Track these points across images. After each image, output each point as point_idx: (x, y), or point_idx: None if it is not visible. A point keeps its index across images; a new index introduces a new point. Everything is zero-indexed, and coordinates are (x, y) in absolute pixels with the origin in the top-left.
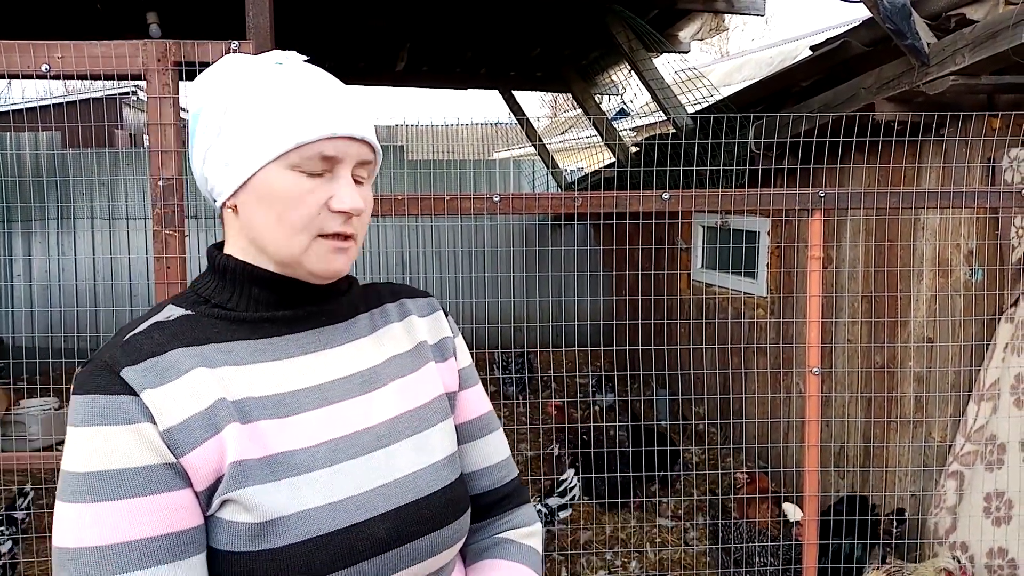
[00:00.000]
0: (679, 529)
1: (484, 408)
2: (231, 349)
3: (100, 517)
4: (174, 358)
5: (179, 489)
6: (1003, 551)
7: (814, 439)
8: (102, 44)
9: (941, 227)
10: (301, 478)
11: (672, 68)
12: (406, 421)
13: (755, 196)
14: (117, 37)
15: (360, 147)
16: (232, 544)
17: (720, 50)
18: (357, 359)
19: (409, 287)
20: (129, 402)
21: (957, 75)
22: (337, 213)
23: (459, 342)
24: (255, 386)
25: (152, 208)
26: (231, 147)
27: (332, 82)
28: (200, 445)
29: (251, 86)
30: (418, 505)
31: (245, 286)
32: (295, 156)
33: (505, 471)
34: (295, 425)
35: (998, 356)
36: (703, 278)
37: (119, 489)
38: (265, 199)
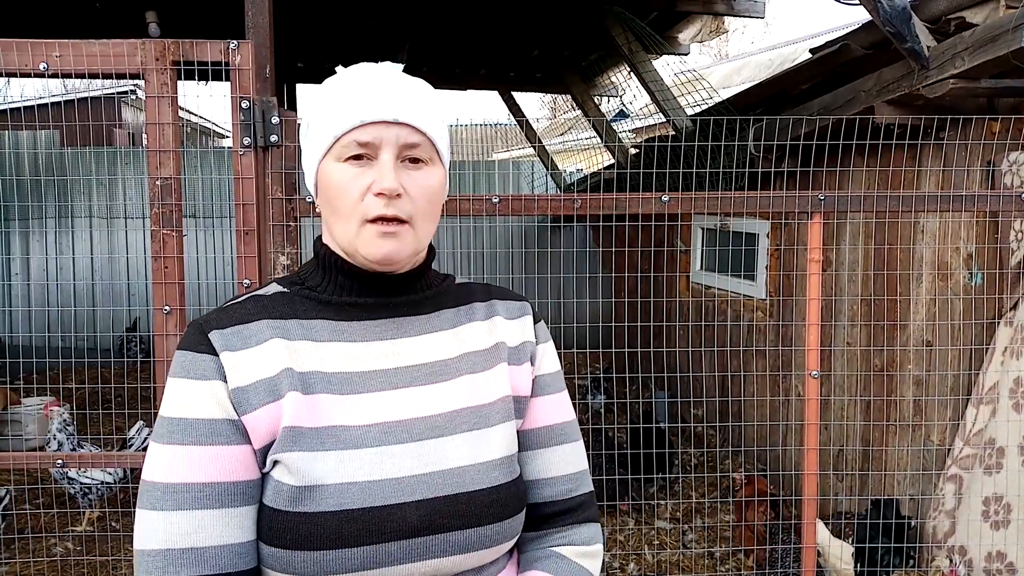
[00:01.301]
0: (677, 531)
1: (561, 418)
2: (313, 326)
3: (171, 458)
4: (257, 328)
5: (238, 444)
6: (1002, 555)
7: (813, 442)
8: (100, 43)
9: (940, 230)
10: (348, 452)
11: (671, 70)
12: (466, 416)
13: (755, 199)
14: (116, 36)
15: (400, 130)
16: (276, 501)
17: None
18: (431, 350)
19: (505, 289)
20: (209, 361)
21: (957, 78)
22: (378, 196)
23: (543, 349)
24: (326, 362)
25: (150, 207)
26: (307, 154)
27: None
28: (261, 407)
29: (320, 98)
30: (457, 499)
31: (333, 273)
32: (338, 149)
33: (572, 485)
34: (354, 403)
35: (997, 360)
36: (702, 280)
37: (187, 436)
38: (323, 193)
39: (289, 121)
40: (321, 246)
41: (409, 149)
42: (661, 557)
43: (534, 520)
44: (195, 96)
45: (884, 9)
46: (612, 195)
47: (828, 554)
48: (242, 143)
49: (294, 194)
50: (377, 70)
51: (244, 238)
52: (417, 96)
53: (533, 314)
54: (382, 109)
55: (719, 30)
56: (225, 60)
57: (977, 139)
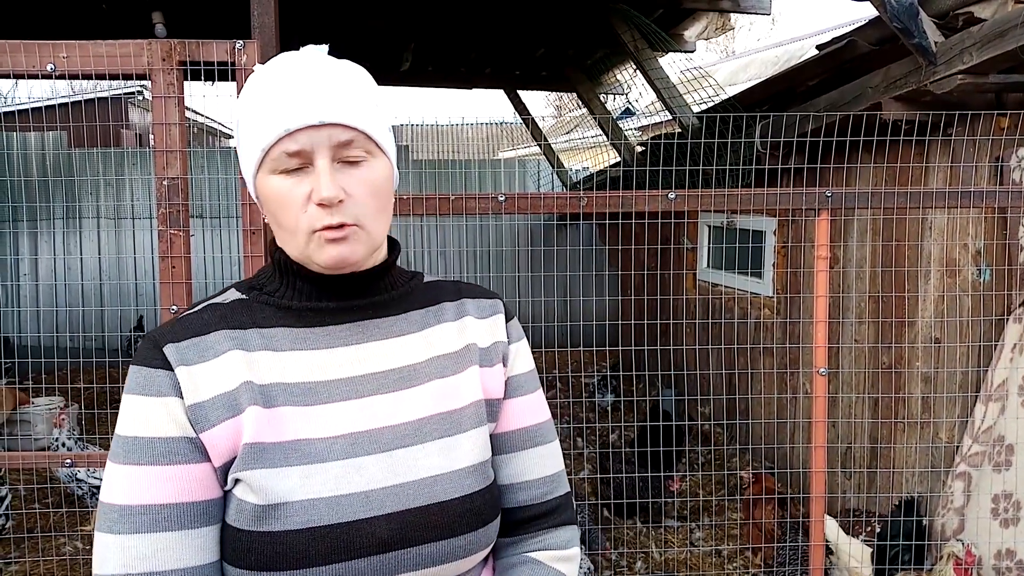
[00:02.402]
0: (685, 530)
1: (535, 419)
2: (273, 335)
3: (126, 478)
4: (215, 339)
5: (197, 462)
6: (1011, 552)
7: (821, 440)
8: (107, 44)
9: (948, 227)
10: (313, 467)
11: (677, 67)
12: (436, 423)
13: (761, 196)
14: (122, 37)
15: (331, 131)
16: (238, 521)
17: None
18: (398, 355)
19: (476, 287)
20: (163, 376)
21: (965, 74)
22: (320, 206)
23: (516, 348)
24: (287, 372)
25: (157, 208)
26: (241, 164)
27: (296, 74)
28: (220, 423)
29: (244, 100)
30: (429, 510)
31: (291, 278)
32: (268, 162)
33: (548, 488)
34: (318, 415)
35: (1006, 356)
36: (709, 278)
37: (144, 455)
38: (265, 206)
39: None
40: (277, 250)
41: (344, 148)
42: (668, 555)
43: (509, 525)
44: (201, 96)
45: (891, 5)
46: (619, 193)
47: (839, 552)
48: None
49: None
50: (297, 64)
51: (251, 238)
52: (342, 88)
53: (506, 311)
54: (306, 113)
55: (725, 27)
56: (231, 60)
57: (985, 135)
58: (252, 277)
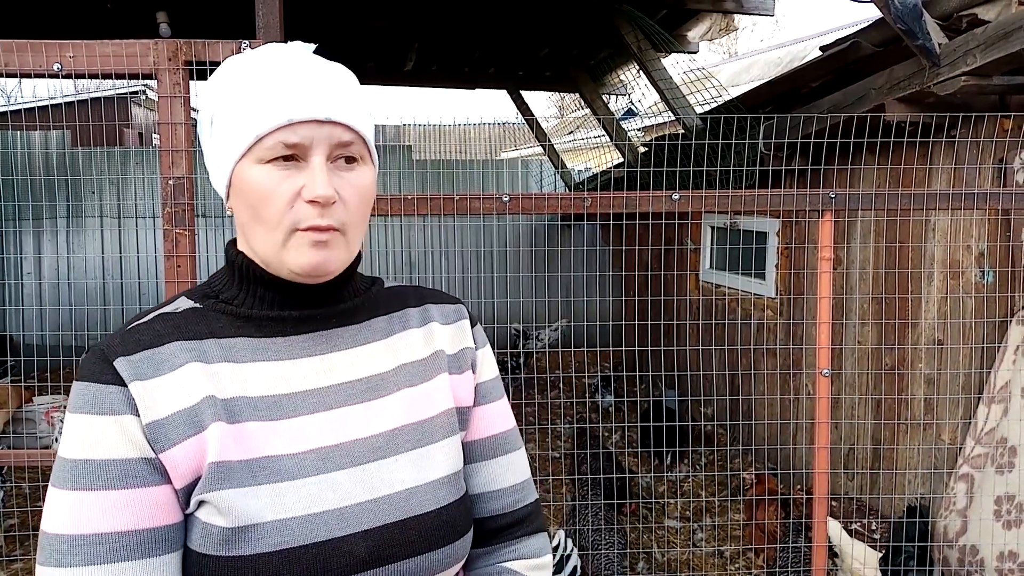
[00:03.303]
0: (687, 530)
1: (503, 426)
2: (232, 346)
3: (76, 506)
4: (169, 351)
5: (156, 485)
6: (1014, 554)
7: (823, 441)
8: (113, 43)
9: (952, 228)
10: (284, 485)
11: (680, 68)
12: (407, 434)
13: (765, 197)
14: (127, 36)
15: (332, 129)
16: (204, 546)
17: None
18: (365, 364)
19: (438, 292)
20: (116, 392)
21: (968, 76)
22: (311, 204)
23: (482, 354)
24: (250, 385)
25: (162, 207)
26: (214, 152)
27: (299, 66)
28: (181, 442)
29: (226, 87)
30: (406, 525)
31: (251, 285)
32: (259, 150)
33: (518, 496)
34: (286, 429)
35: (1009, 358)
36: (712, 279)
37: (97, 480)
38: (242, 197)
39: None
40: (236, 253)
41: (342, 148)
42: (671, 556)
43: (482, 535)
44: None
45: (895, 6)
46: (622, 194)
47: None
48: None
49: None
50: (295, 56)
51: None
52: (346, 89)
53: (470, 317)
54: (313, 107)
55: (728, 28)
56: None
57: (989, 136)
58: (204, 284)
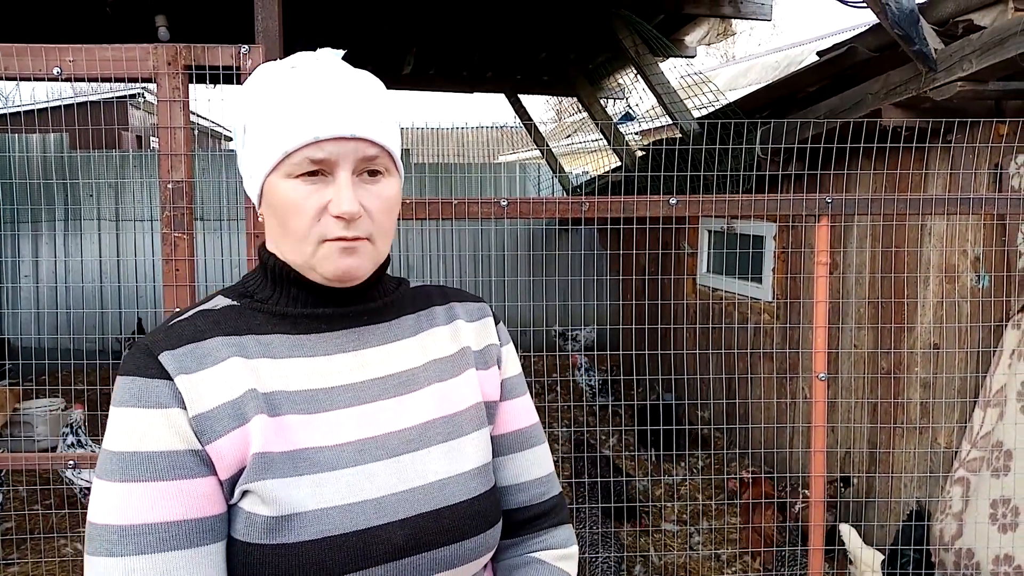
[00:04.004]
0: (684, 533)
1: (528, 421)
2: (270, 342)
3: (125, 497)
4: (212, 346)
5: (202, 476)
6: (1009, 558)
7: (820, 444)
8: (113, 48)
9: (948, 233)
10: (324, 476)
11: (678, 72)
12: (439, 427)
13: (762, 201)
14: (126, 40)
15: (357, 144)
16: (249, 535)
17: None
18: (396, 360)
19: (461, 291)
20: (163, 386)
21: (964, 81)
22: (337, 218)
23: (507, 351)
24: (288, 380)
25: (161, 211)
26: (247, 161)
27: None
28: (226, 434)
29: (258, 98)
30: (440, 514)
31: (285, 285)
32: (287, 165)
33: (544, 488)
34: (323, 422)
35: (1004, 362)
36: (709, 283)
37: (145, 471)
38: (272, 208)
39: None
40: (268, 255)
41: (367, 162)
42: (668, 559)
43: (510, 527)
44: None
45: (892, 12)
46: (620, 198)
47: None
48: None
49: None
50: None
51: (254, 241)
52: (372, 104)
53: (493, 315)
54: (338, 124)
55: (726, 32)
56: (236, 64)
57: (985, 142)
58: (238, 284)
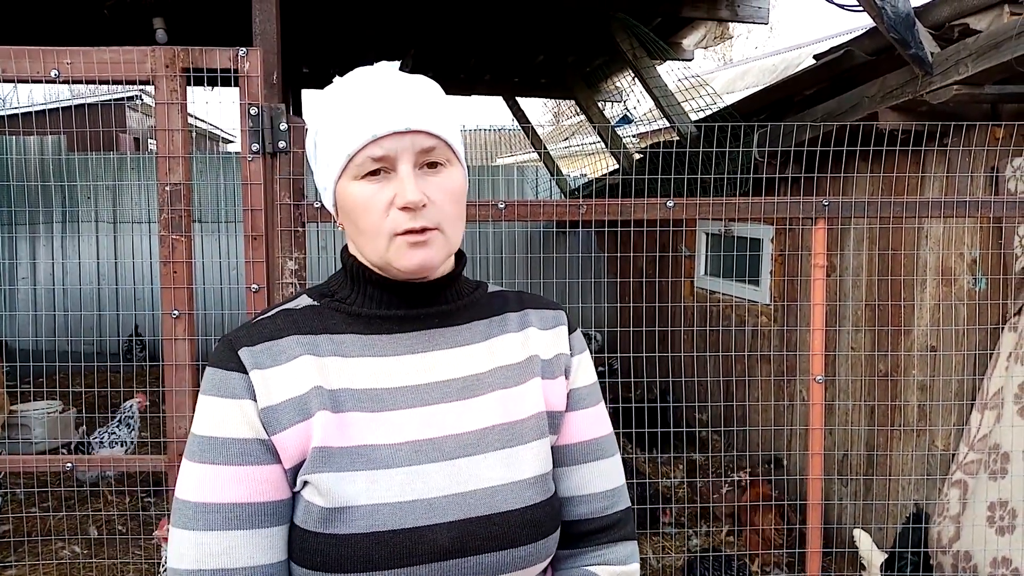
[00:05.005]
0: (682, 536)
1: (597, 432)
2: (343, 341)
3: (201, 477)
4: (287, 344)
5: (268, 464)
6: (1007, 560)
7: (817, 447)
8: (111, 50)
9: (944, 236)
10: (378, 473)
11: (675, 75)
12: (498, 433)
13: (759, 204)
14: (123, 42)
15: (414, 137)
16: (306, 522)
17: (723, 57)
18: (463, 364)
19: (539, 298)
20: (238, 379)
21: (960, 85)
22: (403, 210)
23: (579, 361)
24: (356, 378)
25: (159, 213)
26: (319, 173)
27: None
28: (291, 427)
29: (323, 115)
30: (490, 520)
31: (362, 285)
32: (353, 168)
33: (608, 502)
34: (385, 421)
35: (1001, 365)
36: (707, 285)
37: (218, 455)
38: (345, 212)
39: (297, 127)
40: (348, 257)
41: (425, 155)
42: (666, 562)
43: (569, 538)
44: (204, 103)
45: (888, 15)
46: (617, 201)
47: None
48: (251, 149)
49: (302, 199)
50: (376, 76)
51: (252, 243)
52: (425, 98)
53: (568, 324)
54: (392, 120)
55: (723, 36)
56: (234, 67)
57: (981, 145)
58: (323, 283)
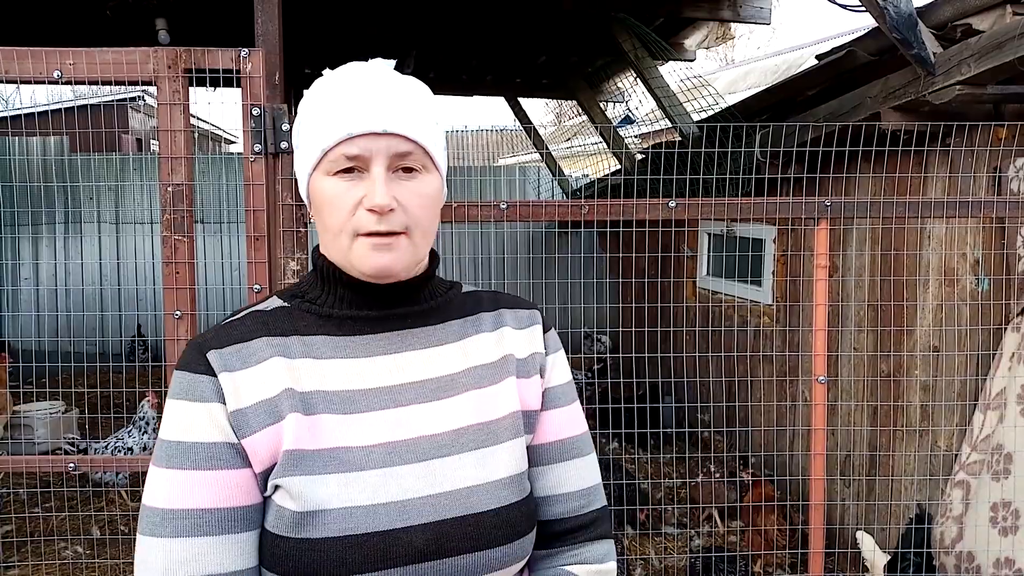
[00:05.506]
0: (684, 537)
1: (572, 431)
2: (314, 342)
3: (169, 483)
4: (257, 346)
5: (237, 468)
6: (1010, 561)
7: (820, 447)
8: (113, 51)
9: (947, 236)
10: (351, 475)
11: (677, 76)
12: (473, 434)
13: (761, 205)
14: (126, 43)
15: (390, 140)
16: (278, 527)
17: (726, 58)
18: (436, 365)
19: (514, 297)
20: (207, 382)
21: (963, 85)
22: (370, 212)
23: (554, 360)
24: (327, 380)
25: (161, 214)
26: (296, 164)
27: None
28: (261, 430)
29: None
30: (465, 521)
31: (334, 286)
32: (326, 163)
33: (584, 500)
34: (357, 423)
35: (1004, 365)
36: (709, 286)
37: (186, 460)
38: (315, 206)
39: None
40: (319, 257)
41: (401, 159)
42: (668, 562)
43: (545, 537)
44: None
45: (891, 15)
46: (619, 201)
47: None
48: (253, 150)
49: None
50: (364, 73)
51: (255, 244)
52: (407, 102)
53: (543, 323)
54: (370, 120)
55: (725, 36)
56: (236, 68)
57: (984, 145)
58: (294, 284)
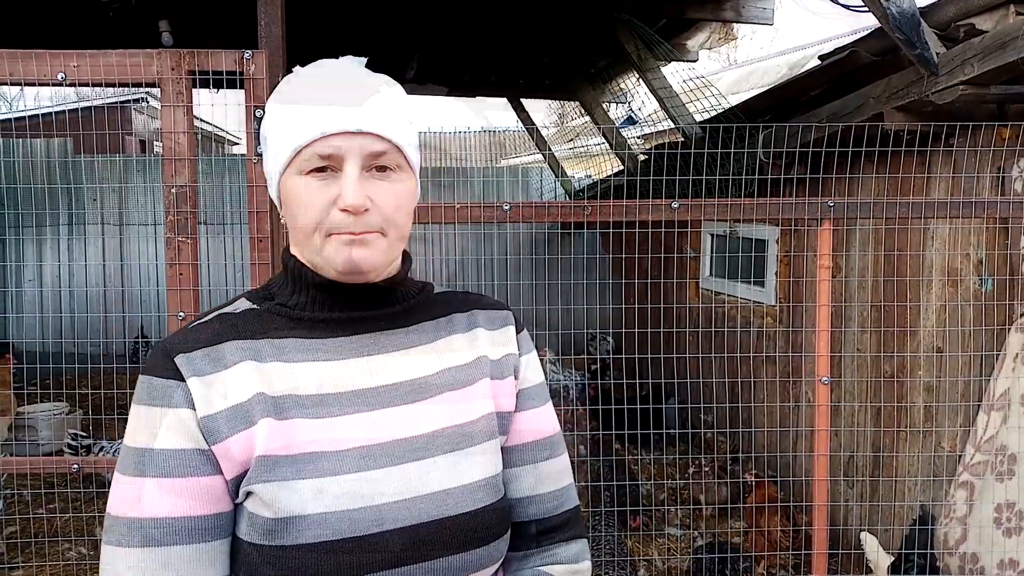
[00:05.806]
0: (688, 538)
1: (545, 432)
2: (284, 346)
3: (136, 491)
4: (226, 349)
5: (208, 475)
6: (1014, 562)
7: (823, 448)
8: (117, 53)
9: (951, 237)
10: (325, 481)
11: (680, 77)
12: (447, 436)
13: (764, 205)
14: (129, 45)
15: (364, 139)
16: (251, 535)
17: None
18: (409, 367)
19: (486, 298)
20: (175, 387)
21: (966, 85)
22: (343, 212)
23: (527, 360)
24: (300, 384)
25: (165, 215)
26: (266, 161)
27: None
28: (232, 436)
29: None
30: (441, 525)
31: (304, 287)
32: (298, 162)
33: (558, 501)
34: (331, 427)
35: (1008, 366)
36: (712, 286)
37: (154, 467)
38: (287, 205)
39: None
40: (289, 257)
41: (375, 158)
42: (672, 563)
43: (520, 539)
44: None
45: (893, 16)
46: (622, 202)
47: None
48: (256, 151)
49: None
50: (336, 71)
51: (258, 245)
52: (381, 101)
53: (516, 323)
54: (344, 119)
55: (728, 37)
56: (240, 69)
57: (987, 145)
58: (263, 286)
